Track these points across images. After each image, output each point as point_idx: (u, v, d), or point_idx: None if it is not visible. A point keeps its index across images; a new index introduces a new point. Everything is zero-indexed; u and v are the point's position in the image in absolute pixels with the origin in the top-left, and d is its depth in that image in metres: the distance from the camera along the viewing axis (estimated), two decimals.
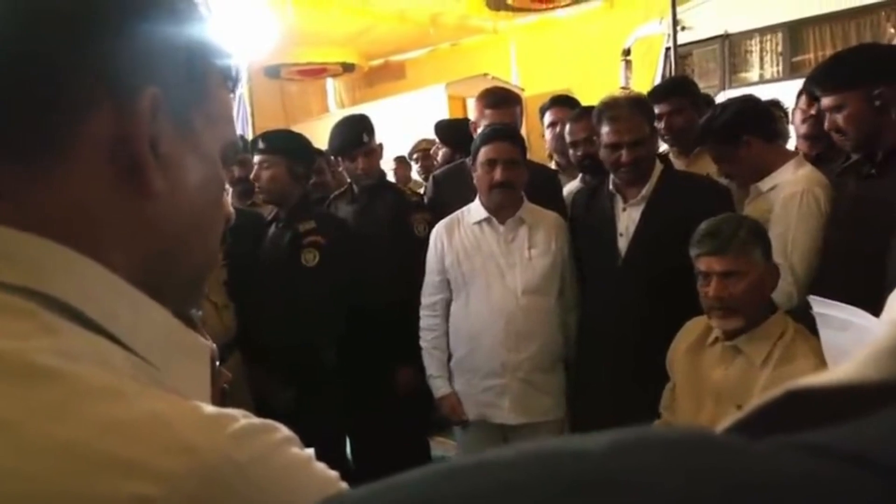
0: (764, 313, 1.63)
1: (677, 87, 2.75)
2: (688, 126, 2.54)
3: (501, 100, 2.51)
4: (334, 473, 0.40)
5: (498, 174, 2.06)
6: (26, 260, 0.39)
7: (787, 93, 3.40)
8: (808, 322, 1.62)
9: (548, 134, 2.95)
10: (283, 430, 0.39)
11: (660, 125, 2.59)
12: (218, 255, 0.54)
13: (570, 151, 2.54)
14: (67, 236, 0.41)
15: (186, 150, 0.46)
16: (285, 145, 2.42)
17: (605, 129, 2.04)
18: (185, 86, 0.46)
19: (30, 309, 0.38)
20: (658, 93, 2.72)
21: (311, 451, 0.41)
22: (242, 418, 0.37)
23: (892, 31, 5.55)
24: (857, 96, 1.72)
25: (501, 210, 2.14)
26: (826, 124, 1.83)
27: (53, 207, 0.41)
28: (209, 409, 0.37)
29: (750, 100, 2.24)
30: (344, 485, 0.40)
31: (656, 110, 2.62)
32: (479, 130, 2.36)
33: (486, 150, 2.08)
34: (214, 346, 0.49)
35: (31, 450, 0.32)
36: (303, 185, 2.46)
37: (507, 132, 2.15)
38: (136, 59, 0.43)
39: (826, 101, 1.80)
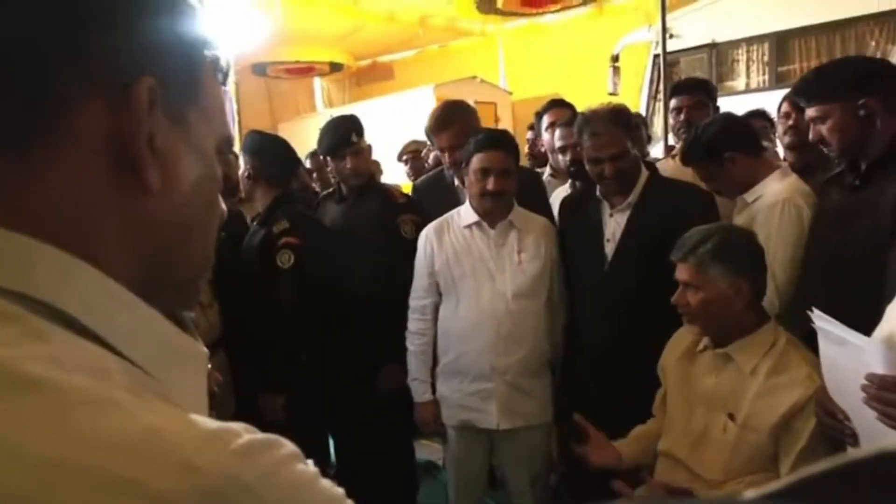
0: (753, 322, 1.63)
1: (702, 84, 2.85)
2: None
3: (441, 123, 2.41)
4: (340, 491, 0.38)
5: (491, 184, 2.06)
6: (12, 260, 0.37)
7: (772, 102, 3.43)
8: (794, 331, 1.64)
9: (546, 136, 2.96)
10: (288, 445, 0.36)
11: (679, 117, 2.65)
12: (212, 255, 0.51)
13: (560, 157, 2.55)
14: (57, 236, 0.38)
15: (182, 144, 0.44)
16: (247, 147, 2.47)
17: (586, 144, 2.07)
18: (181, 77, 0.44)
19: (16, 313, 0.35)
20: (681, 86, 2.83)
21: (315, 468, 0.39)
22: (245, 433, 0.35)
23: (874, 43, 5.63)
24: (841, 107, 1.73)
25: (491, 215, 2.13)
26: (811, 134, 1.83)
27: (41, 205, 0.38)
28: (210, 423, 0.35)
29: (729, 117, 2.28)
30: (350, 502, 0.38)
31: (676, 102, 2.69)
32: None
33: (480, 157, 2.07)
34: (207, 350, 0.47)
35: (19, 467, 0.30)
36: (274, 186, 2.43)
37: (501, 140, 2.13)
38: (131, 48, 0.41)
39: (810, 112, 1.81)
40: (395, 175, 4.46)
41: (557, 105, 3.01)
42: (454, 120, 2.39)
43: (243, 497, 0.32)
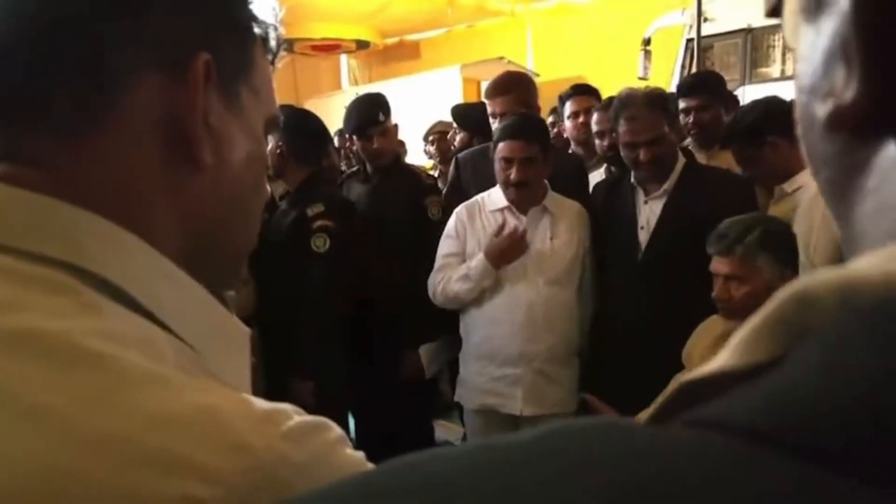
0: None
1: (706, 83, 2.70)
2: (714, 123, 2.51)
3: (498, 89, 2.45)
4: None
5: (513, 174, 2.02)
6: (65, 232, 0.37)
7: None
8: None
9: (568, 124, 2.91)
10: (336, 429, 0.37)
11: (687, 119, 2.56)
12: (257, 234, 0.51)
13: (597, 141, 2.51)
14: (109, 210, 0.38)
15: (233, 122, 0.44)
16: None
17: (622, 129, 2.02)
18: (233, 54, 0.44)
19: (69, 284, 0.35)
20: (686, 87, 2.69)
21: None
22: (295, 415, 0.35)
23: None
24: None
25: (520, 202, 2.10)
26: None
27: (95, 179, 0.39)
28: (261, 403, 0.35)
29: (775, 100, 2.20)
30: None
31: (683, 104, 2.59)
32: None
33: (503, 147, 2.04)
34: (249, 330, 0.47)
35: (73, 442, 0.30)
36: (305, 165, 2.34)
37: (523, 129, 2.05)
38: (187, 25, 0.41)
39: None
40: (420, 155, 4.43)
41: (579, 92, 2.92)
42: (511, 89, 2.41)
43: (296, 477, 0.33)
